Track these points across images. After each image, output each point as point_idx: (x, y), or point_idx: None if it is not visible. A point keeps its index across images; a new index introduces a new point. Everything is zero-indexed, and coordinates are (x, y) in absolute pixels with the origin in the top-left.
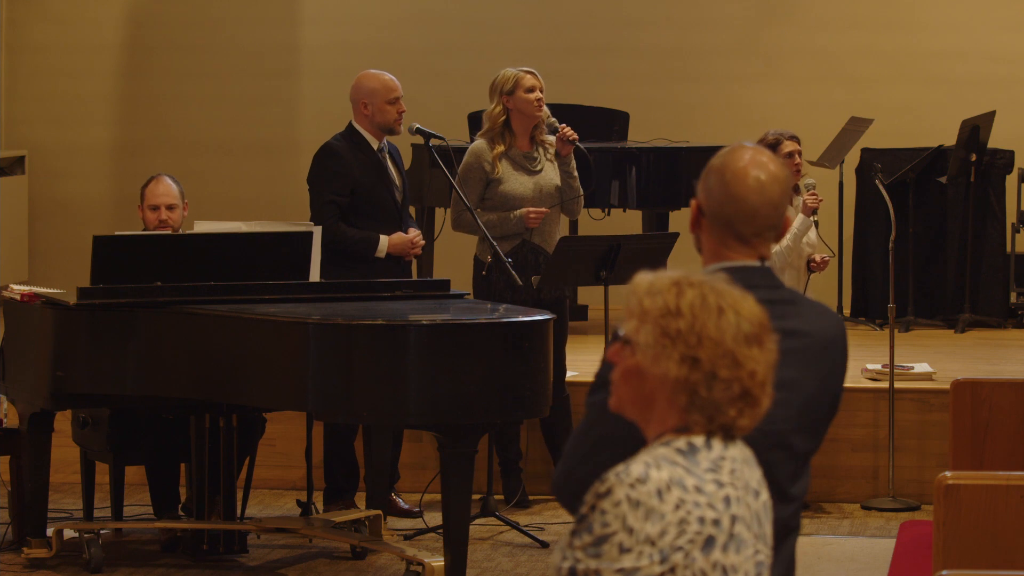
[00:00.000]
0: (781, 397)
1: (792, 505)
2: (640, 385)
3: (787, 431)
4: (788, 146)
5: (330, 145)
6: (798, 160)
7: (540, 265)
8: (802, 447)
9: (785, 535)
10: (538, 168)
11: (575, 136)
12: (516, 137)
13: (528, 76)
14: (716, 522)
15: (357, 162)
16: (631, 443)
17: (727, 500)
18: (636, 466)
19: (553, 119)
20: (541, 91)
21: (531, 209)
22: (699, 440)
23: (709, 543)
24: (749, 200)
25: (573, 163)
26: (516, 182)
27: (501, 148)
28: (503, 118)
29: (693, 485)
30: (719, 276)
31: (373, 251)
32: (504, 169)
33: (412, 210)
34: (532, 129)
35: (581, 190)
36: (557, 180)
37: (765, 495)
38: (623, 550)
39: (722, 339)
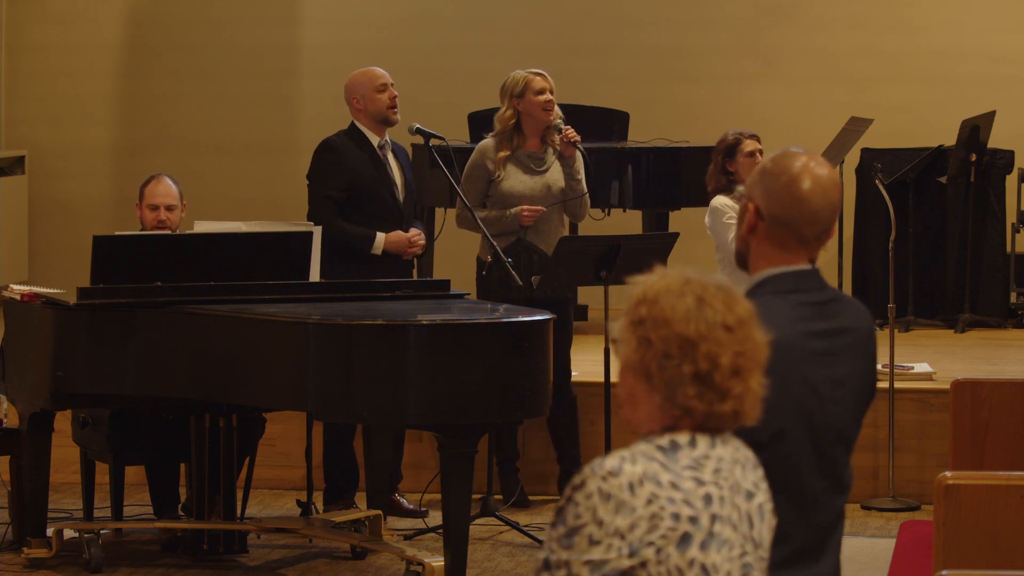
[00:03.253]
0: (841, 394)
1: (846, 494)
2: (625, 382)
3: (846, 425)
4: (749, 145)
5: (328, 141)
6: (759, 159)
7: (534, 264)
8: (853, 438)
9: (837, 522)
10: (544, 168)
11: (577, 137)
12: (526, 138)
13: (537, 78)
14: (693, 519)
15: (356, 158)
16: None
17: (707, 498)
18: (611, 459)
19: (559, 120)
20: (551, 92)
21: (525, 207)
22: (683, 438)
23: (685, 540)
24: (813, 203)
25: (577, 164)
26: (517, 181)
27: (507, 152)
28: (513, 121)
29: (668, 481)
30: (772, 283)
31: (369, 247)
32: (508, 169)
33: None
34: (543, 129)
35: (584, 191)
36: (563, 181)
37: (761, 498)
38: (592, 542)
39: (672, 318)
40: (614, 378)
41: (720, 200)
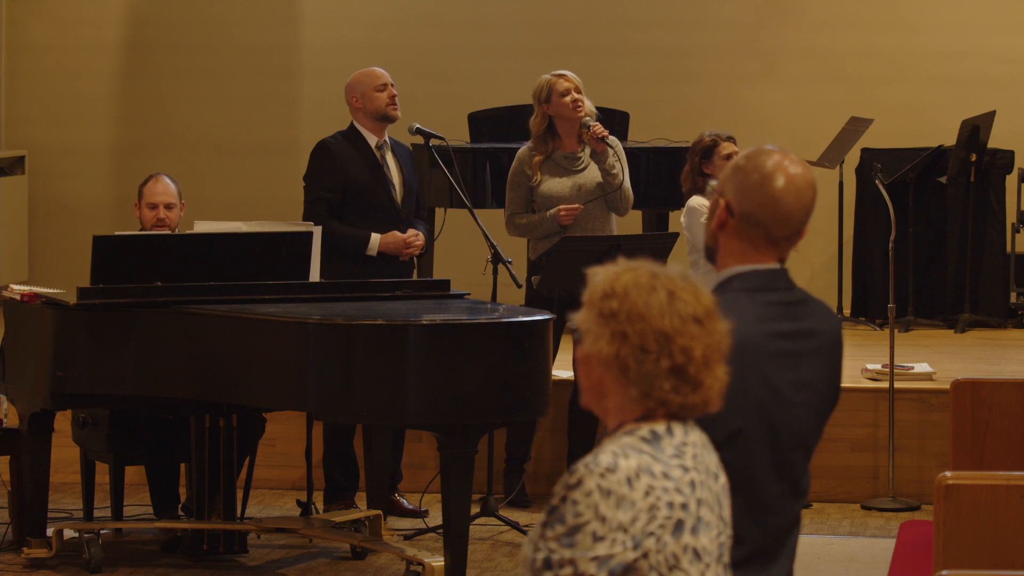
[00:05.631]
0: (804, 397)
1: (802, 500)
2: (589, 372)
3: (807, 430)
4: (727, 148)
5: (323, 142)
6: None
7: None
8: (814, 443)
9: (793, 527)
10: (580, 167)
11: (605, 133)
12: (561, 139)
13: (561, 80)
14: (684, 506)
15: (351, 159)
16: None
17: (692, 484)
18: (604, 456)
19: (588, 117)
20: (577, 91)
21: (563, 207)
22: (661, 427)
23: (679, 527)
24: (787, 203)
25: (610, 159)
26: (554, 182)
27: (541, 156)
28: (544, 126)
29: (660, 471)
30: (740, 280)
31: (364, 249)
32: (544, 173)
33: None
34: (578, 128)
35: (620, 184)
36: (600, 177)
37: (723, 478)
38: (596, 538)
39: (648, 313)
40: None
41: (697, 200)
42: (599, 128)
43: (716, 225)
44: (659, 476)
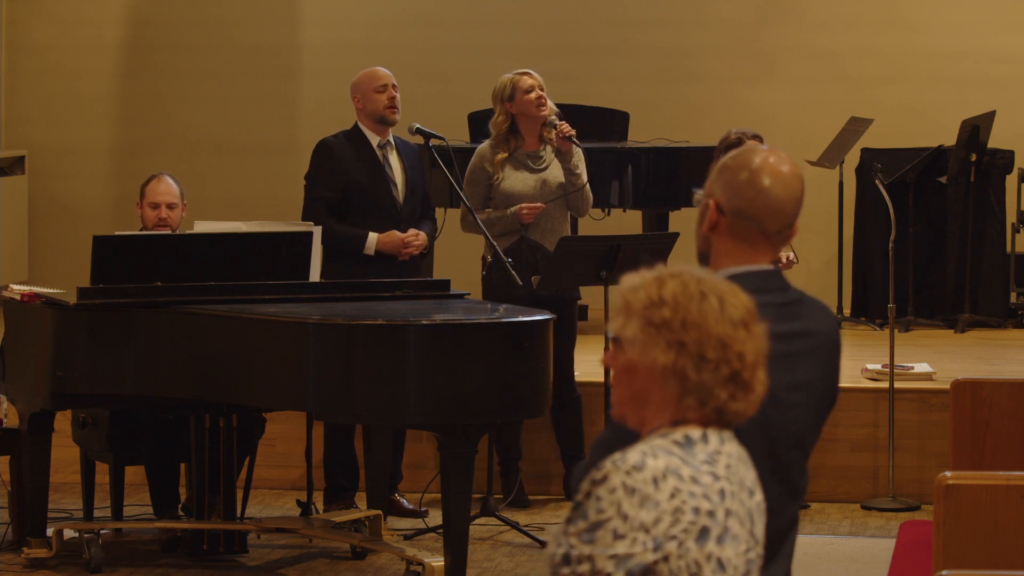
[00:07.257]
0: (799, 398)
1: (800, 500)
2: (632, 381)
3: (804, 431)
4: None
5: (324, 142)
6: None
7: (538, 262)
8: (811, 444)
9: (791, 528)
10: (542, 166)
11: (571, 132)
12: (524, 139)
13: (524, 77)
14: (711, 513)
15: (351, 159)
16: None
17: (722, 493)
18: (633, 454)
19: (553, 116)
20: (541, 89)
21: (525, 205)
22: (696, 433)
23: (703, 534)
24: (777, 196)
25: (575, 159)
26: (516, 180)
27: (504, 154)
28: (507, 125)
29: (689, 475)
30: (735, 281)
31: (361, 247)
32: (506, 170)
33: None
34: (540, 128)
35: (583, 184)
36: (562, 177)
37: (759, 496)
38: (617, 536)
39: (705, 322)
40: None
41: None
42: (566, 127)
43: (708, 227)
44: (687, 480)
